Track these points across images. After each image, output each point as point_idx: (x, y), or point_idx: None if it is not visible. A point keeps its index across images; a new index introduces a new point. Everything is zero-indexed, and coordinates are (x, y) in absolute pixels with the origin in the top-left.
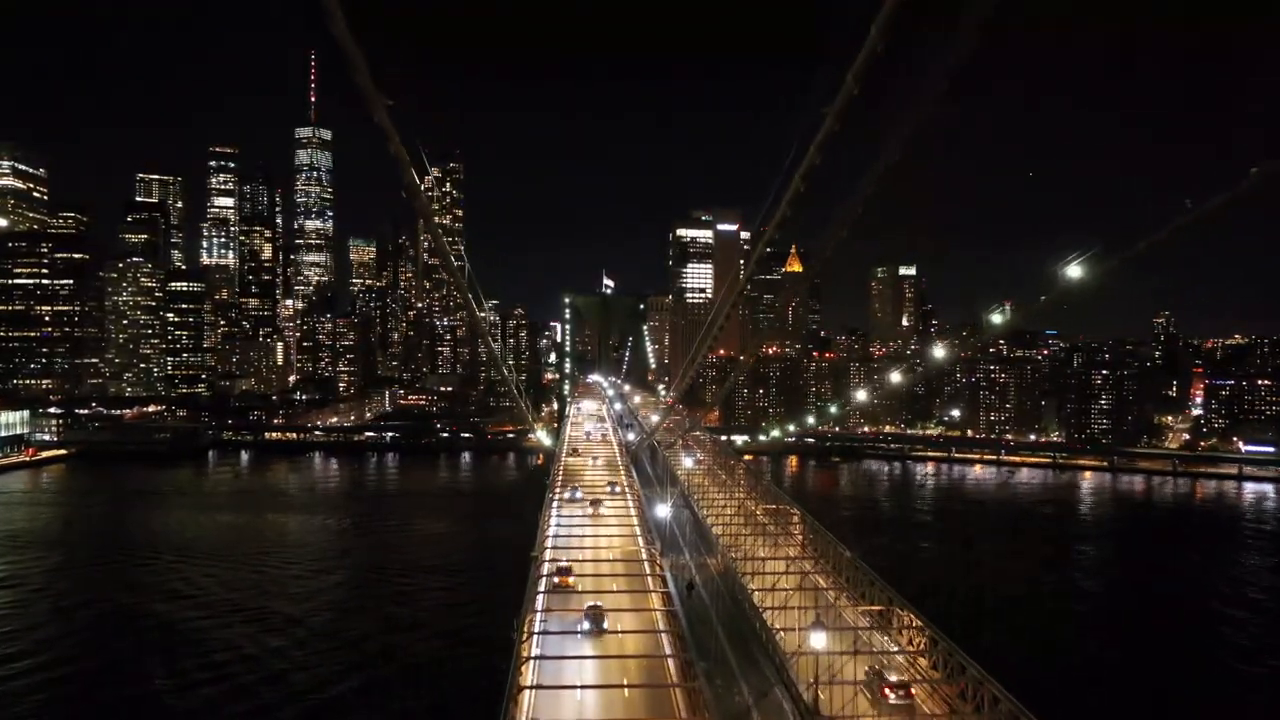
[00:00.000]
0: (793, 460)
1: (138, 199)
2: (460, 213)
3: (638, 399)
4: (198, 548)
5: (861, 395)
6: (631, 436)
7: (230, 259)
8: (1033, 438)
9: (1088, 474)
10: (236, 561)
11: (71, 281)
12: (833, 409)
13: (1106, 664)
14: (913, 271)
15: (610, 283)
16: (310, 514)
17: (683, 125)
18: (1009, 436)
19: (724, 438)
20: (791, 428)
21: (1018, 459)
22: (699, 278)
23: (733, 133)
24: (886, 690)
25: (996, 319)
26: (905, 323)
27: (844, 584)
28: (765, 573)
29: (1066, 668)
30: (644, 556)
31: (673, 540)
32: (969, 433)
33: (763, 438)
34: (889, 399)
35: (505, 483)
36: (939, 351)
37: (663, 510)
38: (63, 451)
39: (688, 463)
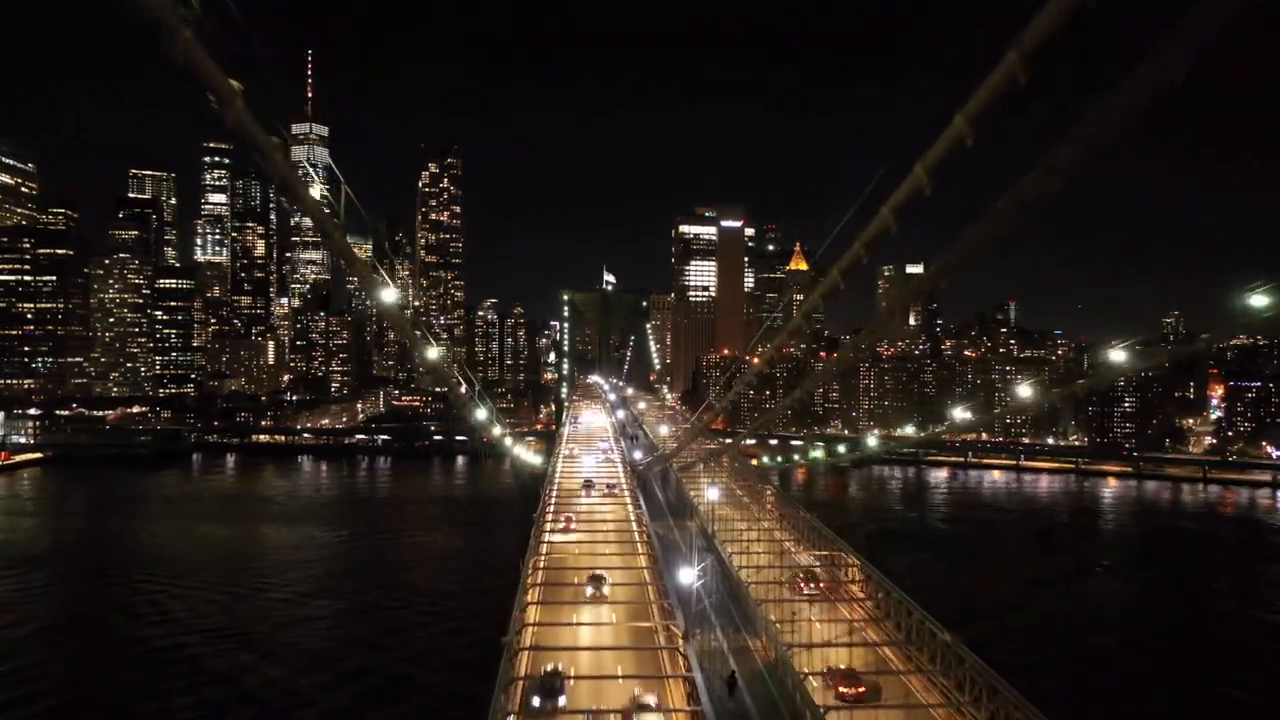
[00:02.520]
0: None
1: (130, 195)
2: (458, 209)
3: (642, 405)
4: (167, 564)
5: (961, 413)
6: (639, 455)
7: (224, 256)
8: (1050, 441)
9: (1112, 480)
10: (208, 582)
11: (55, 278)
12: (909, 429)
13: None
14: (920, 269)
15: (611, 278)
16: (295, 525)
17: (687, 118)
18: (1025, 440)
19: (729, 441)
20: (842, 448)
21: (1038, 464)
22: (702, 275)
23: (737, 125)
24: None
25: (1259, 301)
26: (913, 322)
27: (947, 683)
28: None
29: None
30: (662, 641)
31: (700, 606)
32: (983, 436)
33: (798, 457)
34: (1018, 414)
35: (500, 490)
36: (1116, 355)
37: (688, 574)
38: (39, 455)
39: (712, 494)
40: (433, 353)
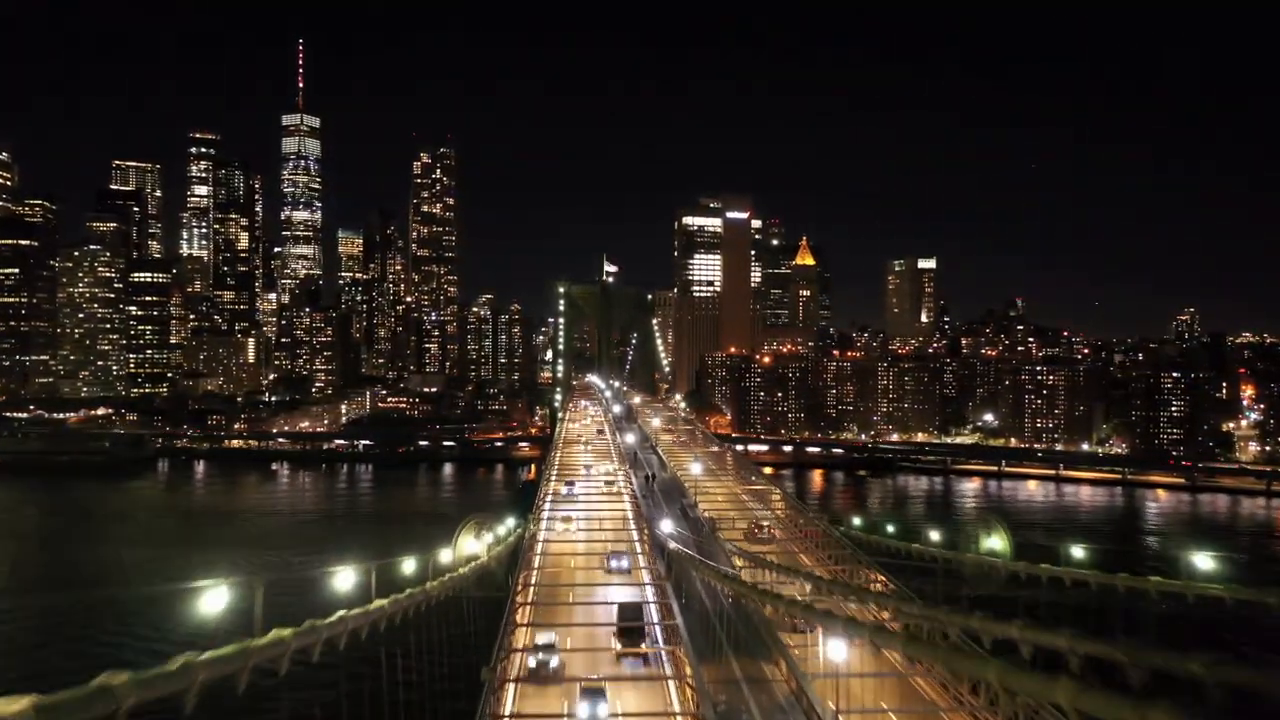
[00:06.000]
0: (817, 475)
1: (113, 187)
2: (452, 200)
3: (656, 421)
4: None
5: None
6: (668, 527)
7: (208, 250)
8: (1086, 448)
9: (1161, 492)
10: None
11: (18, 270)
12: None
13: None
14: (933, 265)
15: (613, 268)
16: (266, 548)
17: (689, 108)
18: (1059, 446)
19: (739, 448)
20: None
21: (1078, 474)
22: (707, 269)
23: (741, 116)
24: None
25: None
26: (924, 319)
27: None
28: None
29: None
30: None
31: None
32: (1011, 441)
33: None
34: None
35: (492, 503)
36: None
37: None
38: None
39: (838, 652)
40: None
